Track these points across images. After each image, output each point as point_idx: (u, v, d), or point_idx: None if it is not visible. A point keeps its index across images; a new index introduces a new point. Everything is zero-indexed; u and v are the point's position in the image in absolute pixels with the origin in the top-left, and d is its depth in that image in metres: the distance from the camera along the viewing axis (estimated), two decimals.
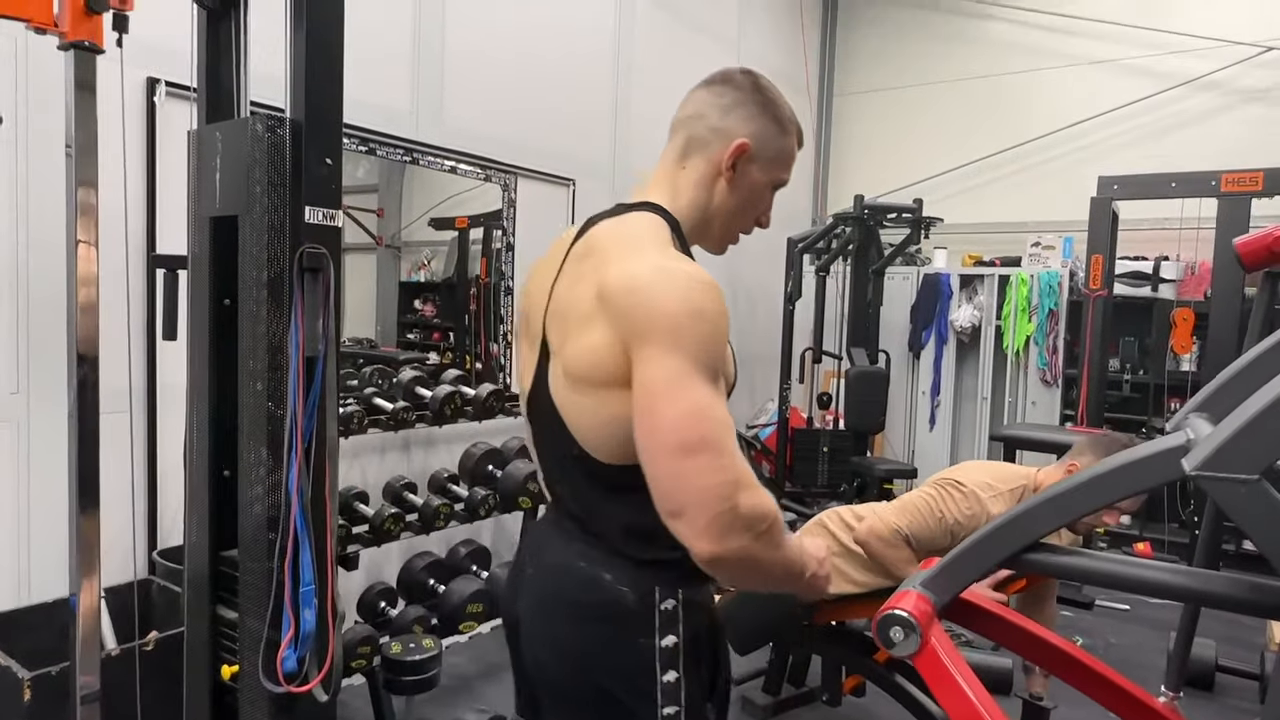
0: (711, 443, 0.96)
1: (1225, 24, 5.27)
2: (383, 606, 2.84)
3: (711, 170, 1.19)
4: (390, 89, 3.32)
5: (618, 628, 1.11)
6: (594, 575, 1.13)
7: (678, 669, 1.11)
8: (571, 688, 1.16)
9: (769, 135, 1.19)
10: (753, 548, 0.99)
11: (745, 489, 0.97)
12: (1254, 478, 0.83)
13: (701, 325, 0.99)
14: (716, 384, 1.01)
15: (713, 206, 1.20)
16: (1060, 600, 4.05)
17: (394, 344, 4.34)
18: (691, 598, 1.13)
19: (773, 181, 1.22)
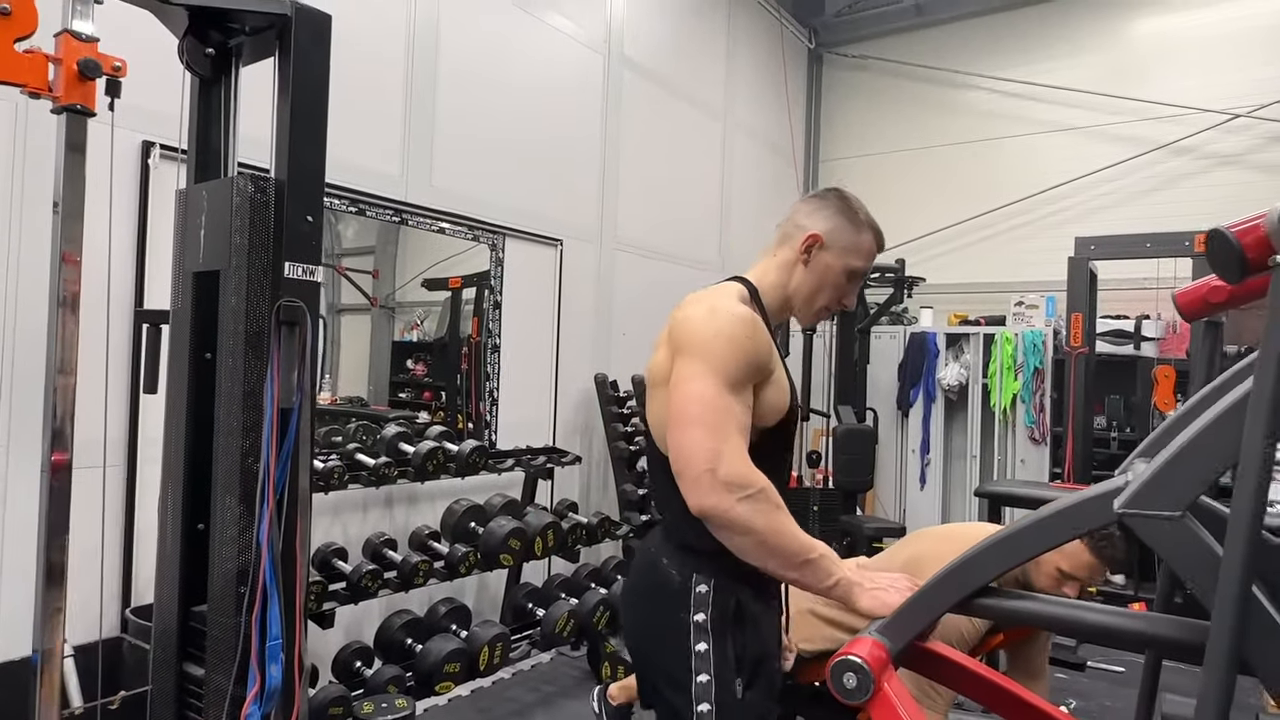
0: (705, 421, 1.26)
1: (1196, 93, 5.47)
2: (358, 666, 2.80)
3: (793, 256, 1.48)
4: (381, 152, 3.43)
5: (665, 604, 1.37)
6: (655, 561, 1.43)
7: (708, 641, 1.33)
8: (640, 655, 1.44)
9: (843, 230, 1.47)
10: (736, 510, 1.24)
11: (728, 460, 1.25)
12: (1178, 514, 0.85)
13: (723, 343, 1.31)
14: (733, 389, 1.30)
15: (792, 285, 1.49)
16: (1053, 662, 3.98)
17: (385, 403, 4.36)
18: (723, 584, 1.36)
19: (847, 268, 1.48)
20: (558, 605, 3.34)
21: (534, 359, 4.25)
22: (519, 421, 4.09)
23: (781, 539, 1.28)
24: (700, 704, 1.31)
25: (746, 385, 1.34)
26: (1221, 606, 0.76)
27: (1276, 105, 5.18)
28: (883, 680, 1.14)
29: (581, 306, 4.54)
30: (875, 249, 1.50)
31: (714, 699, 1.31)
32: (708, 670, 1.32)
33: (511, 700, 3.41)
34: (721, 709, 1.31)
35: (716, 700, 1.31)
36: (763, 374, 1.38)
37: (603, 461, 4.57)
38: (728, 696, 1.32)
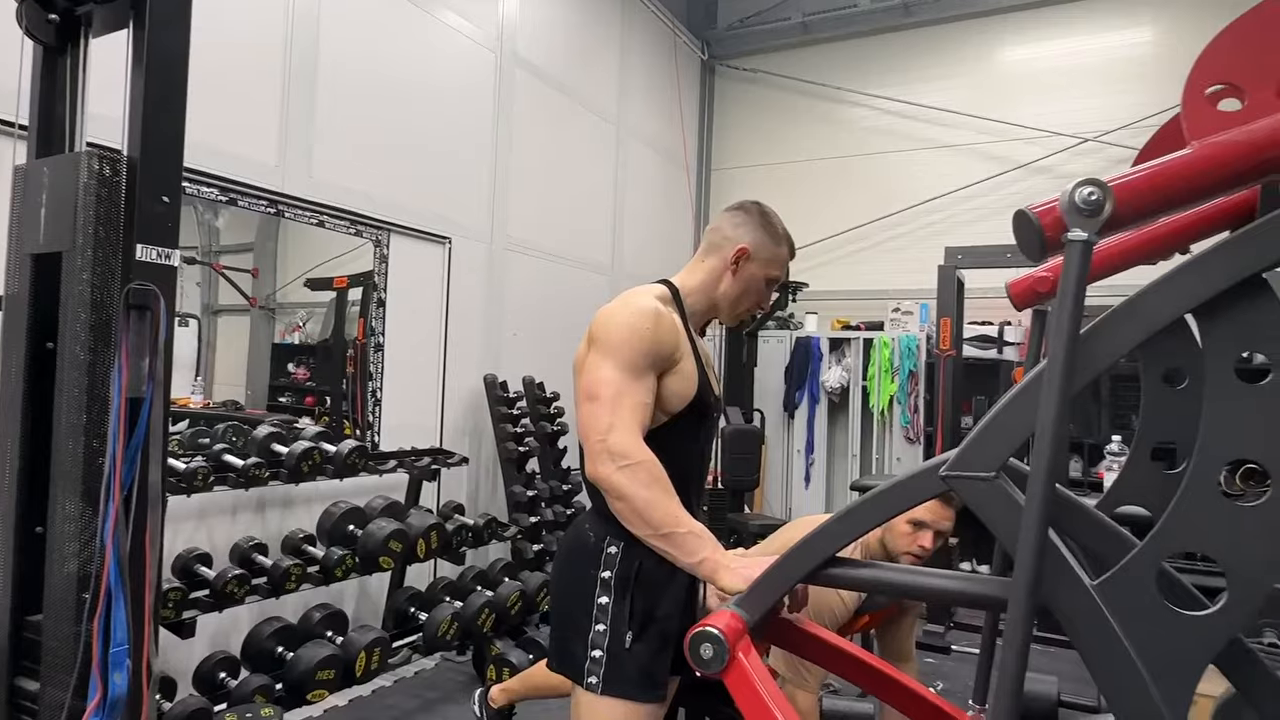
0: (602, 398, 1.44)
1: (1052, 118, 5.92)
2: (222, 677, 2.65)
3: (721, 265, 1.65)
4: (256, 140, 3.28)
5: (581, 561, 1.56)
6: (581, 524, 1.62)
7: (609, 596, 1.51)
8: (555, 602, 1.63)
9: (765, 243, 1.65)
10: (614, 476, 1.41)
11: (616, 432, 1.42)
12: (991, 475, 0.92)
13: (627, 333, 1.48)
14: (633, 373, 1.46)
15: (720, 290, 1.66)
16: (922, 647, 4.20)
17: (264, 408, 4.16)
18: (631, 547, 1.51)
19: (767, 276, 1.66)
20: (441, 609, 3.27)
21: (420, 359, 4.16)
22: (404, 424, 3.98)
23: (649, 508, 1.41)
24: (594, 650, 1.49)
25: (647, 372, 1.50)
26: (1023, 550, 0.82)
27: (1120, 131, 5.67)
28: (738, 651, 1.18)
29: (471, 306, 4.47)
30: (789, 258, 1.71)
31: (606, 646, 1.48)
32: (605, 621, 1.50)
33: (392, 708, 3.31)
34: (611, 656, 1.48)
35: (608, 648, 1.48)
36: (666, 364, 1.53)
37: (492, 463, 4.51)
38: (617, 646, 1.48)
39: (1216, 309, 0.87)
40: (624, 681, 1.47)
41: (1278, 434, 0.84)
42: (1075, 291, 0.82)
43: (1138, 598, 0.88)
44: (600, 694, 1.47)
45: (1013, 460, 1.01)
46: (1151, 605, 0.88)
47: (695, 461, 1.69)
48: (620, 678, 1.47)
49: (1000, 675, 0.84)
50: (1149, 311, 0.87)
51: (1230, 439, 0.86)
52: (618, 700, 1.47)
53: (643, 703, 1.48)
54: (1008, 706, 0.82)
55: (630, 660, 1.48)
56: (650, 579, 1.54)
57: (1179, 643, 0.87)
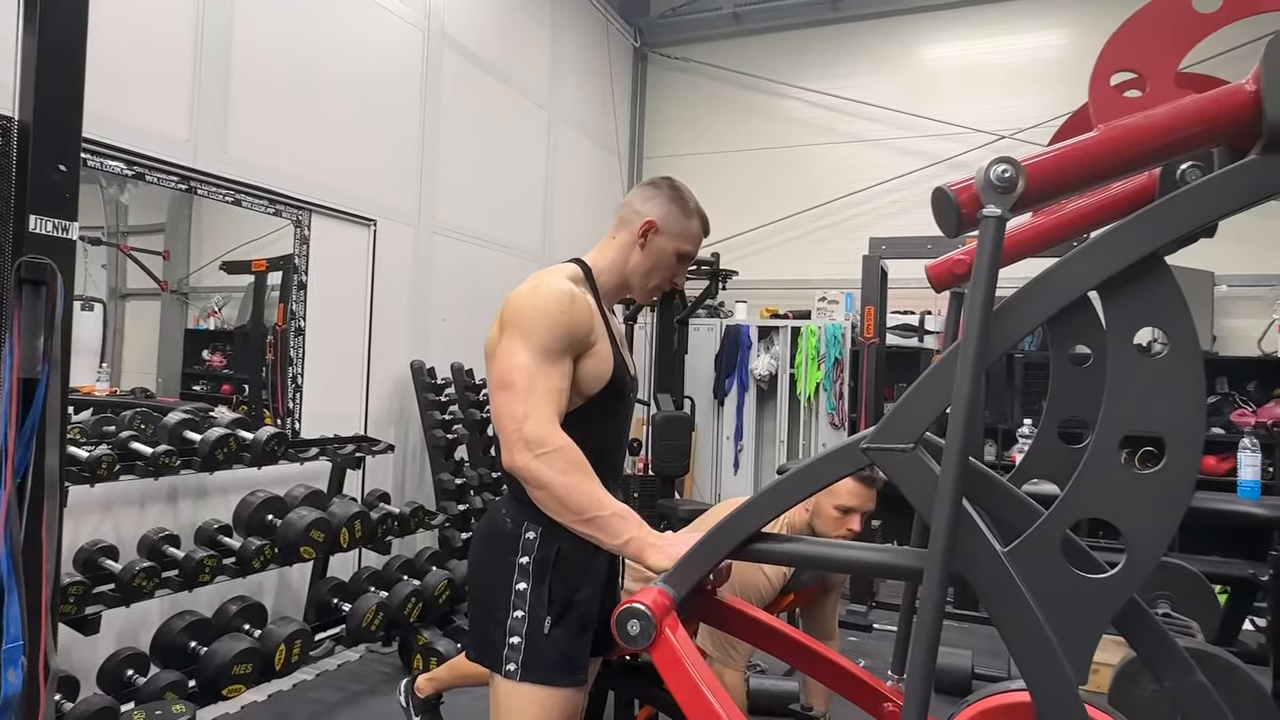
0: (516, 385, 1.41)
1: (968, 115, 6.13)
2: (129, 675, 2.53)
3: (630, 240, 1.62)
4: (165, 112, 3.11)
5: (498, 547, 1.53)
6: (497, 510, 1.59)
7: (527, 582, 1.48)
8: (473, 590, 1.60)
9: (674, 217, 1.61)
10: (532, 465, 1.38)
11: (531, 420, 1.39)
12: (909, 446, 0.95)
13: (539, 316, 1.44)
14: (547, 358, 1.43)
15: (629, 265, 1.63)
16: (844, 626, 4.32)
17: (176, 395, 3.98)
18: (549, 532, 1.49)
19: (678, 250, 1.62)
20: (366, 599, 3.20)
21: (344, 345, 4.04)
22: (326, 411, 3.87)
23: (571, 493, 1.39)
24: (512, 636, 1.47)
25: (562, 355, 1.46)
26: (938, 516, 0.85)
27: (1034, 130, 5.91)
28: (664, 626, 1.18)
29: (397, 291, 4.36)
30: (702, 234, 1.66)
31: (524, 633, 1.47)
32: (523, 607, 1.48)
33: (314, 701, 3.22)
34: (529, 642, 1.46)
35: (526, 634, 1.46)
36: (581, 346, 1.50)
37: (419, 451, 4.43)
38: (536, 632, 1.47)
39: (1117, 286, 0.91)
40: (543, 667, 1.46)
41: (1173, 405, 0.89)
42: (989, 266, 0.84)
43: (1045, 563, 0.92)
44: (519, 681, 1.46)
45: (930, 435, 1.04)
46: (1057, 570, 0.92)
47: (614, 442, 1.66)
48: (539, 664, 1.46)
49: (916, 638, 0.86)
50: (1056, 288, 0.91)
51: (1130, 411, 0.90)
52: (537, 686, 1.46)
53: (562, 687, 1.47)
54: (924, 667, 0.85)
55: (549, 646, 1.47)
56: (569, 562, 1.52)
57: (1082, 604, 0.91)
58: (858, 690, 1.53)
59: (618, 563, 1.68)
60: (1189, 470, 0.89)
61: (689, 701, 1.14)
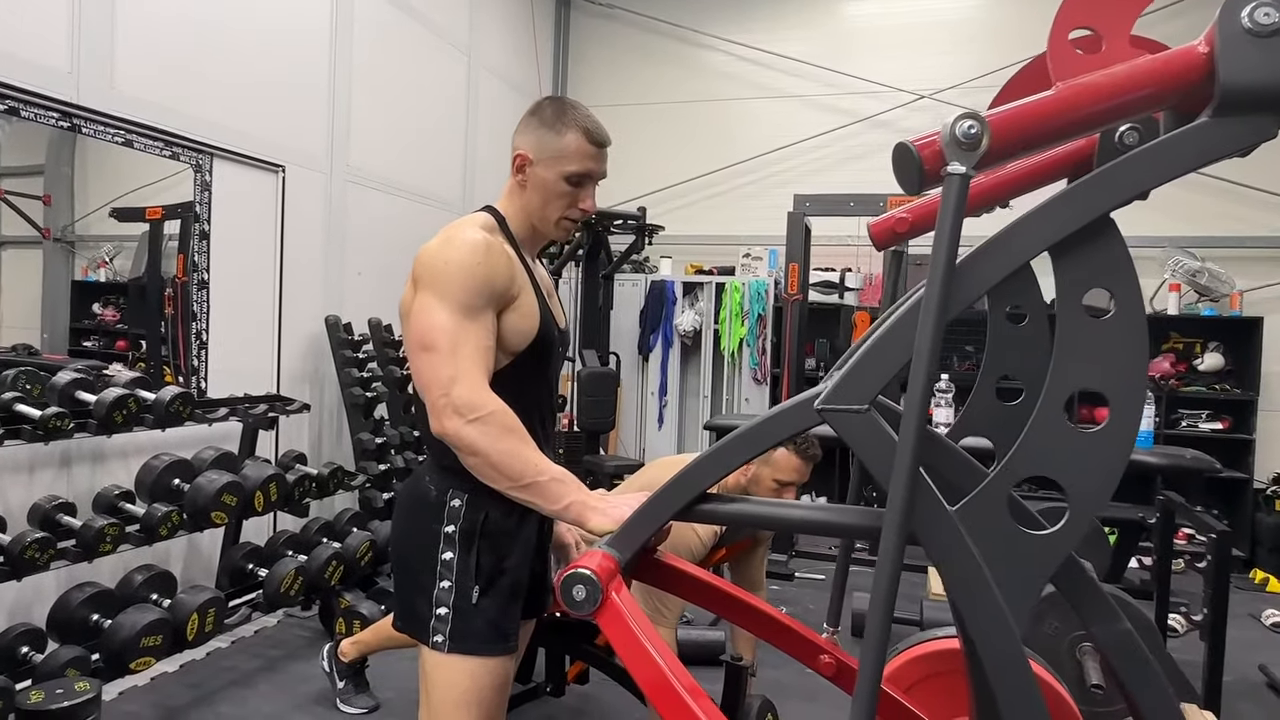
0: (439, 347, 1.33)
1: (890, 73, 6.19)
2: (24, 652, 2.36)
3: (513, 181, 1.51)
4: (39, 40, 2.81)
5: (422, 516, 1.47)
6: (420, 478, 1.52)
7: (454, 551, 1.44)
8: (396, 560, 1.55)
9: (546, 140, 1.46)
10: (464, 431, 1.31)
11: (460, 384, 1.31)
12: (864, 407, 0.94)
13: (455, 270, 1.35)
14: (468, 314, 1.35)
15: (525, 209, 1.51)
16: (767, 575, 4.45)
17: (64, 353, 3.69)
18: (475, 499, 1.44)
19: (563, 173, 1.46)
20: (283, 563, 3.08)
21: (252, 299, 3.82)
22: (235, 369, 3.66)
23: (507, 460, 1.33)
24: (439, 607, 1.43)
25: (484, 311, 1.38)
26: (896, 480, 0.84)
27: (952, 90, 6.03)
28: (610, 590, 1.16)
29: (309, 242, 4.14)
30: (588, 145, 1.46)
31: (451, 604, 1.42)
32: (450, 577, 1.43)
33: (230, 670, 3.11)
34: (457, 612, 1.42)
35: (454, 604, 1.42)
36: (503, 300, 1.41)
37: (336, 410, 4.27)
38: (464, 602, 1.43)
39: (1069, 247, 0.91)
40: (471, 637, 1.42)
41: (1119, 365, 0.91)
42: (953, 224, 0.83)
43: (992, 521, 0.93)
44: (447, 652, 1.42)
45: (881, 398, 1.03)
46: (1004, 527, 0.93)
47: (544, 400, 1.58)
48: (467, 634, 1.42)
49: (873, 599, 0.86)
50: (1013, 248, 0.90)
51: (1077, 370, 0.92)
52: (465, 657, 1.42)
53: (491, 656, 1.44)
54: (880, 627, 0.85)
55: (477, 615, 1.43)
56: (497, 529, 1.48)
57: (1026, 559, 0.93)
58: (793, 642, 1.56)
59: (546, 526, 1.64)
60: (1130, 429, 0.91)
61: (638, 666, 1.13)
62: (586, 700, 2.91)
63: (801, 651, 1.54)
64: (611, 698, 2.84)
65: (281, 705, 2.85)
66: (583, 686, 2.82)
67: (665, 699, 1.13)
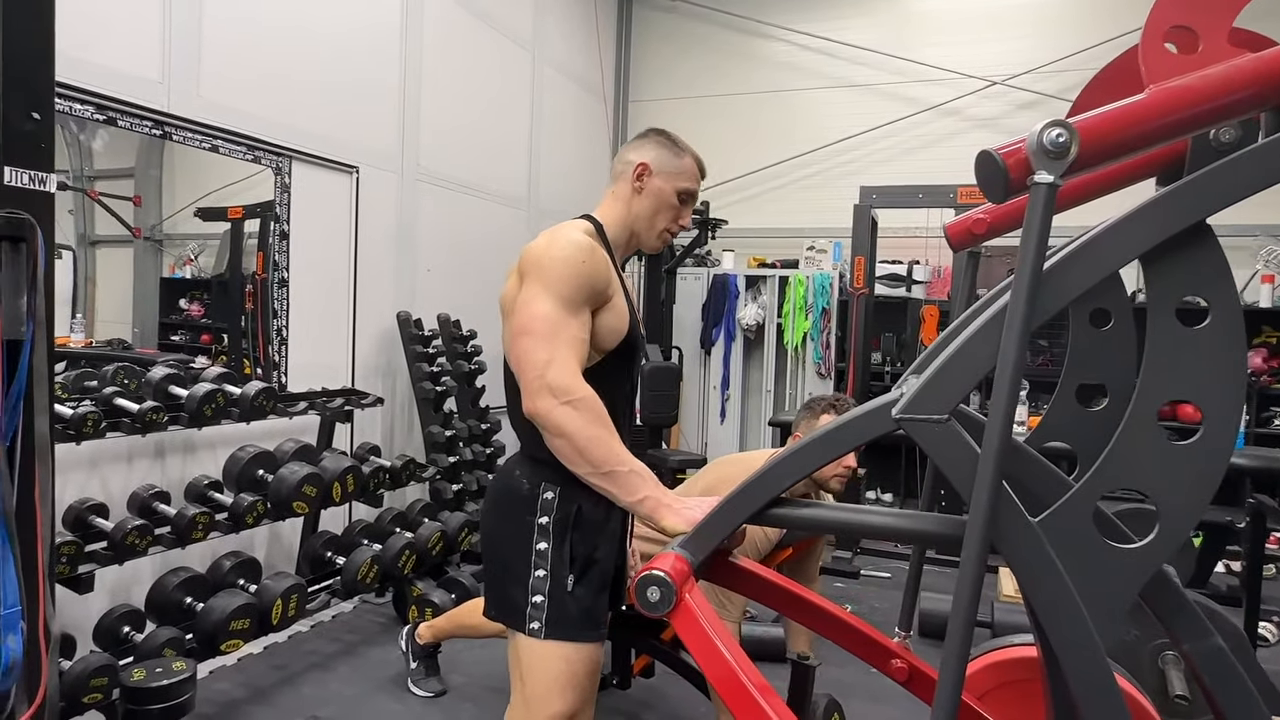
0: (538, 333, 1.40)
1: (960, 60, 6.02)
2: (126, 631, 2.52)
3: (627, 188, 1.62)
4: (135, 53, 2.96)
5: (515, 508, 1.54)
6: (511, 471, 1.59)
7: (548, 541, 1.50)
8: (489, 551, 1.60)
9: (666, 157, 1.63)
10: (555, 413, 1.37)
11: (555, 368, 1.38)
12: (944, 417, 0.93)
13: (560, 266, 1.44)
14: (568, 308, 1.43)
15: (632, 213, 1.62)
16: (831, 572, 4.41)
17: (155, 347, 3.90)
18: (567, 492, 1.51)
19: (676, 189, 1.63)
20: (359, 552, 3.20)
21: (328, 296, 3.95)
22: (312, 363, 3.80)
23: (592, 445, 1.38)
24: (535, 595, 1.49)
25: (583, 307, 1.47)
26: (979, 492, 0.84)
27: (1026, 75, 5.83)
28: (684, 592, 1.18)
29: (381, 240, 4.26)
30: (698, 171, 1.66)
31: (547, 591, 1.49)
32: (545, 566, 1.49)
33: (311, 653, 3.25)
34: (552, 600, 1.49)
35: (549, 592, 1.49)
36: (600, 299, 1.50)
37: (407, 403, 4.39)
38: (559, 590, 1.49)
39: (1162, 254, 0.89)
40: (567, 624, 1.48)
41: (1213, 375, 0.88)
42: (1040, 234, 0.81)
43: (1077, 533, 0.92)
44: (543, 638, 1.47)
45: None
46: (1089, 539, 0.91)
47: (625, 399, 1.67)
48: (563, 621, 1.48)
49: (954, 612, 0.86)
50: (1102, 255, 0.88)
51: (1169, 380, 0.89)
52: (561, 643, 1.48)
53: (586, 643, 1.49)
54: (961, 638, 0.85)
55: (573, 603, 1.49)
56: (588, 521, 1.54)
57: (1112, 574, 0.91)
58: (862, 644, 1.55)
59: (628, 521, 1.69)
60: (1227, 442, 0.88)
61: (711, 665, 1.14)
62: (652, 693, 2.94)
63: (871, 654, 1.53)
64: (677, 691, 2.86)
65: (359, 688, 2.96)
66: (648, 680, 2.85)
67: (737, 697, 1.14)
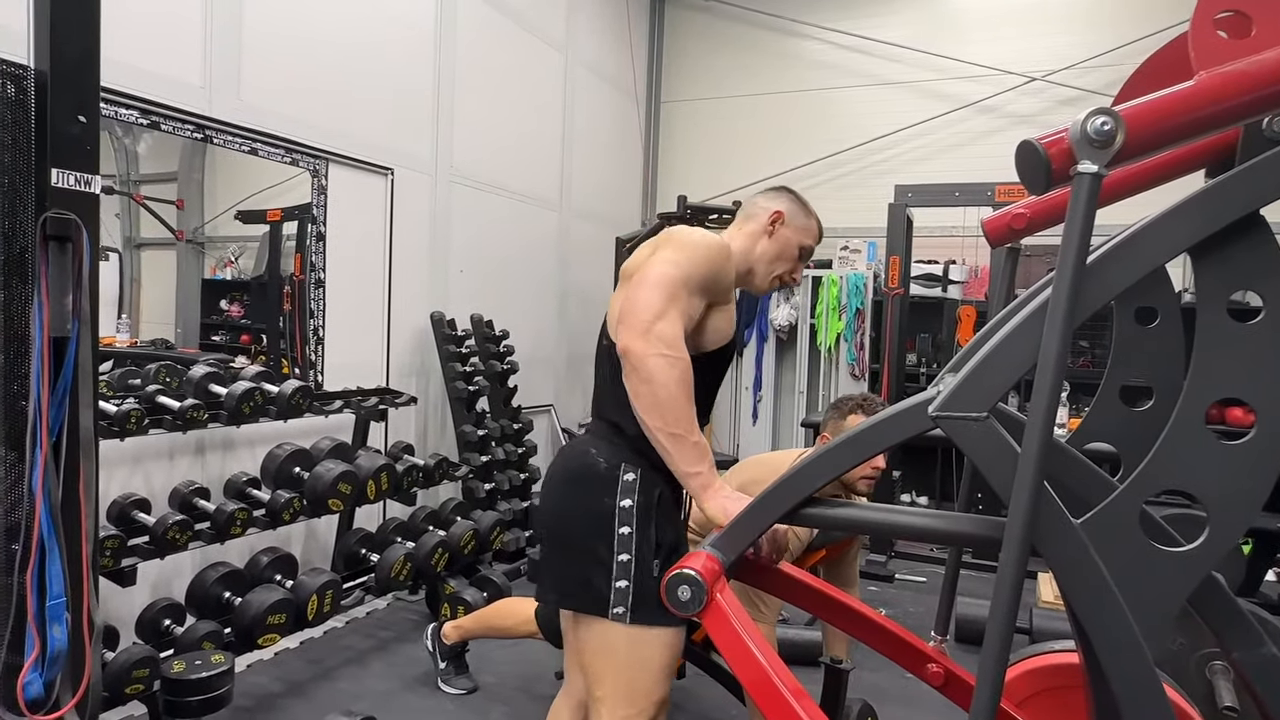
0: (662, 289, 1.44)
1: (999, 56, 5.91)
2: (167, 624, 2.57)
3: (759, 229, 1.71)
4: (178, 58, 3.03)
5: (591, 488, 1.53)
6: (585, 449, 1.59)
7: (631, 525, 1.49)
8: (558, 534, 1.58)
9: (797, 213, 1.73)
10: (650, 358, 1.37)
11: (665, 322, 1.41)
12: (983, 415, 0.91)
13: (701, 251, 1.51)
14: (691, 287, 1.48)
15: (756, 252, 1.70)
16: (866, 575, 4.35)
17: (196, 346, 3.98)
18: (648, 475, 1.52)
19: (800, 244, 1.73)
20: (393, 549, 3.23)
21: (363, 296, 4.00)
22: (348, 363, 3.85)
23: (672, 402, 1.38)
24: (619, 580, 1.47)
25: (702, 296, 1.52)
26: (1019, 492, 0.81)
27: (1066, 71, 5.71)
28: (715, 591, 1.17)
29: (415, 241, 4.31)
30: (819, 233, 1.77)
31: (632, 576, 1.48)
32: (629, 550, 1.48)
33: (346, 649, 3.29)
34: (638, 585, 1.48)
35: (635, 578, 1.48)
36: (717, 296, 1.56)
37: (441, 403, 4.43)
38: (644, 575, 1.48)
39: (1212, 247, 0.86)
40: (654, 608, 1.44)
41: (1266, 374, 0.84)
42: (1083, 226, 0.79)
43: (1122, 536, 0.89)
44: (630, 624, 1.46)
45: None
46: (1135, 543, 0.89)
47: (706, 400, 1.71)
48: (650, 605, 1.46)
49: (993, 611, 0.84)
50: (1148, 250, 0.85)
51: (1219, 378, 0.86)
52: (650, 628, 1.47)
53: (674, 626, 1.49)
54: (1000, 641, 0.83)
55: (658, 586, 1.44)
56: (668, 504, 1.56)
57: (1160, 578, 0.88)
58: (897, 648, 1.53)
59: (686, 508, 1.76)
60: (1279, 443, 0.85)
61: (742, 666, 1.13)
62: (684, 694, 2.93)
63: (907, 658, 1.51)
64: (708, 693, 2.85)
65: (393, 684, 2.99)
66: (680, 681, 2.84)
67: (769, 699, 1.13)
